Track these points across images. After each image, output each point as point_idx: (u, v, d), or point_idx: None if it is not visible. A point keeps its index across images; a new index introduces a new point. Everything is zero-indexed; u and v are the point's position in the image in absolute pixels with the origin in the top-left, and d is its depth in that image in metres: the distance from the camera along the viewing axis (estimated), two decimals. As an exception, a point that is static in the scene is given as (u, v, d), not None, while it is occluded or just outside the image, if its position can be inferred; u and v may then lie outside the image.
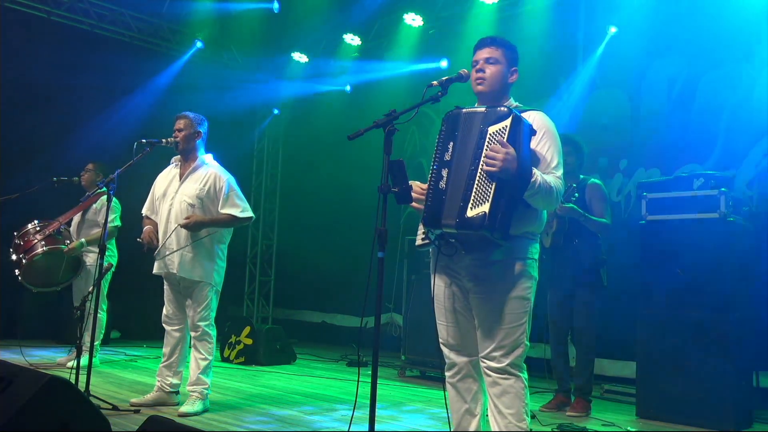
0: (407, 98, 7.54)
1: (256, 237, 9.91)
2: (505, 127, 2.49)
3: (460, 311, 2.75)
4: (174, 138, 4.36)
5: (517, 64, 2.83)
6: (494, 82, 2.77)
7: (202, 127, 4.44)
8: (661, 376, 4.46)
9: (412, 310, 6.09)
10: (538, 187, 2.53)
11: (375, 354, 2.40)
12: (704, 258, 4.36)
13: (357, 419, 2.98)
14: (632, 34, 6.05)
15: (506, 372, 2.61)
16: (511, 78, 2.81)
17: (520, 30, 6.75)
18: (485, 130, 2.52)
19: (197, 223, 4.19)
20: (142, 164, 4.21)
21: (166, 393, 4.36)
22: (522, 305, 2.65)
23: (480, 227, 2.45)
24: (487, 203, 2.45)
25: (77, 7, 7.81)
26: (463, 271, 2.70)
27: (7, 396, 2.30)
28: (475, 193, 2.48)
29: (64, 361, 5.67)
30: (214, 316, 4.37)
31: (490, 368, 2.63)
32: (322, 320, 8.91)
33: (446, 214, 2.54)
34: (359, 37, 8.33)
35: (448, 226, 2.54)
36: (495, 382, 2.62)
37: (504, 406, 2.59)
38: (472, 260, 2.66)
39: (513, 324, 2.62)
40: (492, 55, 2.78)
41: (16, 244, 5.34)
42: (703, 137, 5.66)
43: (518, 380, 2.62)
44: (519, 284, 2.64)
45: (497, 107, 2.58)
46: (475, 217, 2.46)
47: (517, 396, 2.60)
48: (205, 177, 4.34)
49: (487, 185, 2.47)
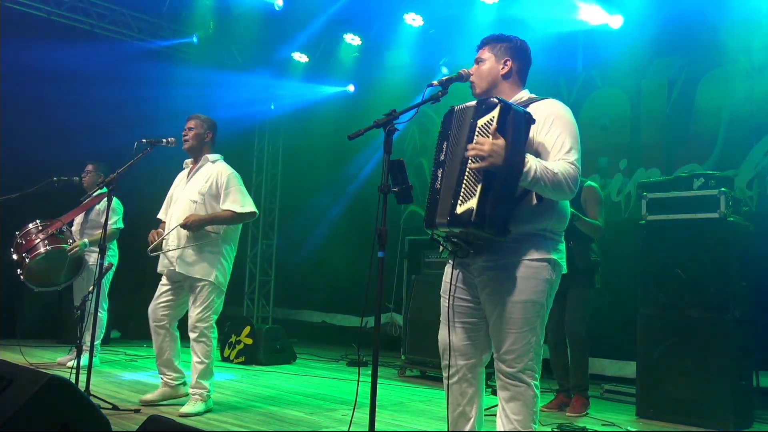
0: (407, 98, 7.55)
1: (256, 237, 9.91)
2: (493, 117, 2.40)
3: (466, 312, 2.67)
4: (183, 136, 4.38)
5: (511, 55, 2.75)
6: (481, 80, 2.74)
7: (212, 128, 4.47)
8: (661, 376, 4.46)
9: (412, 310, 6.09)
10: (534, 175, 2.38)
11: (375, 354, 2.40)
12: (704, 258, 4.37)
13: (357, 419, 2.98)
14: (632, 34, 6.05)
15: (517, 378, 2.52)
16: (503, 70, 2.73)
17: (520, 30, 6.73)
18: (474, 124, 2.46)
19: (195, 221, 4.17)
20: (142, 164, 4.22)
21: (171, 387, 4.35)
22: (533, 310, 2.52)
23: (468, 224, 2.36)
24: (474, 197, 2.35)
25: (77, 6, 7.81)
26: (476, 271, 2.62)
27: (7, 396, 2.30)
28: (463, 189, 2.40)
29: (64, 361, 5.67)
30: (216, 319, 4.32)
31: (502, 372, 2.55)
32: (322, 320, 8.90)
33: (439, 213, 2.48)
34: (359, 37, 8.33)
35: (441, 225, 2.47)
36: (505, 387, 2.55)
37: (511, 412, 2.53)
38: (484, 261, 2.58)
39: (523, 328, 2.51)
40: (480, 57, 2.77)
41: (17, 244, 5.33)
42: (703, 137, 5.66)
43: (529, 388, 2.52)
44: (532, 287, 2.52)
45: (488, 99, 2.50)
46: (463, 213, 2.37)
47: (526, 404, 2.52)
48: (210, 174, 4.35)
49: (475, 179, 2.38)
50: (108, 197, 4.27)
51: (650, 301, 4.61)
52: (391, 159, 2.49)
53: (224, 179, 4.32)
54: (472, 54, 2.85)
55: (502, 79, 2.75)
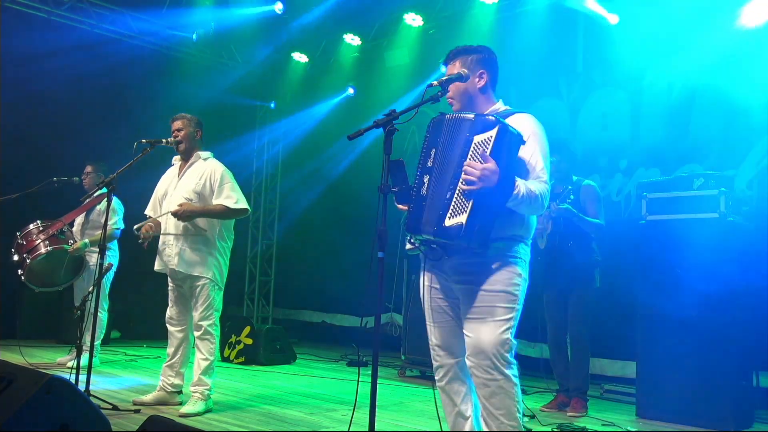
0: (407, 98, 7.55)
1: (256, 237, 9.91)
2: (491, 137, 2.44)
3: (445, 311, 2.75)
4: (174, 138, 4.38)
5: (484, 65, 2.75)
6: (460, 99, 2.75)
7: (199, 125, 4.48)
8: (661, 376, 4.46)
9: (412, 310, 6.08)
10: (521, 197, 2.49)
11: (375, 354, 2.40)
12: (704, 258, 4.36)
13: (357, 419, 2.98)
14: (632, 34, 6.05)
15: (493, 370, 2.52)
16: (480, 83, 2.74)
17: (520, 30, 6.75)
18: (471, 139, 2.49)
19: (188, 211, 4.18)
20: (143, 164, 4.22)
21: (167, 393, 4.36)
22: (507, 299, 2.57)
23: (456, 237, 2.43)
24: (464, 214, 2.42)
25: (77, 7, 7.81)
26: (450, 270, 2.68)
27: (7, 396, 2.30)
28: (454, 202, 2.46)
29: (64, 361, 5.67)
30: (218, 316, 4.37)
31: (478, 366, 2.54)
32: (322, 320, 8.90)
33: (425, 221, 2.53)
34: (359, 37, 8.33)
35: (427, 233, 2.53)
36: (483, 384, 2.55)
37: (494, 408, 2.53)
38: (458, 261, 2.63)
39: (495, 317, 2.55)
40: (451, 72, 2.75)
41: (18, 244, 5.33)
42: (703, 137, 5.66)
43: (507, 380, 2.53)
44: (503, 279, 2.58)
45: (486, 116, 2.54)
46: (452, 227, 2.44)
47: (507, 395, 2.52)
48: (202, 172, 4.36)
49: (467, 196, 2.43)
50: (108, 197, 4.27)
51: (650, 300, 4.61)
52: (391, 159, 2.50)
53: (218, 176, 4.34)
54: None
55: (480, 92, 2.76)
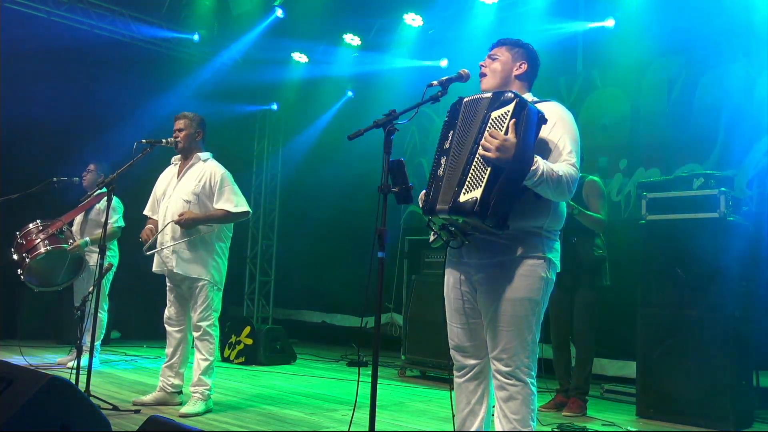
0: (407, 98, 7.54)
1: (256, 237, 9.91)
2: (508, 111, 2.43)
3: (469, 312, 2.68)
4: (175, 138, 4.37)
5: (526, 59, 2.81)
6: (495, 74, 2.76)
7: (201, 126, 4.45)
8: (661, 376, 4.46)
9: (412, 310, 6.09)
10: (540, 175, 2.40)
11: (375, 354, 2.40)
12: (704, 258, 4.36)
13: (357, 419, 2.98)
14: (632, 34, 6.05)
15: (513, 377, 2.53)
16: (517, 70, 2.78)
17: (520, 30, 6.74)
18: (488, 115, 2.48)
19: (190, 219, 4.18)
20: (143, 164, 4.22)
21: (167, 393, 4.36)
22: (529, 307, 2.53)
23: (470, 213, 2.36)
24: (479, 188, 2.37)
25: (77, 7, 7.81)
26: (473, 269, 2.64)
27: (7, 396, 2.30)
28: (470, 178, 2.41)
29: (65, 361, 5.67)
30: (217, 316, 4.36)
31: (498, 371, 2.56)
32: (322, 320, 8.90)
33: (441, 199, 2.48)
34: (359, 37, 8.33)
35: (442, 212, 2.48)
36: (502, 387, 2.56)
37: (510, 411, 2.54)
38: (480, 259, 2.60)
39: (519, 326, 2.53)
40: (495, 53, 2.80)
41: (18, 244, 5.33)
42: (703, 137, 5.65)
43: (525, 387, 2.53)
44: (527, 285, 2.54)
45: (504, 92, 2.52)
46: (467, 202, 2.38)
47: (524, 403, 2.53)
48: (202, 173, 4.35)
49: (482, 170, 2.39)
50: (108, 196, 4.27)
51: (650, 300, 4.61)
52: (391, 159, 2.49)
53: (217, 179, 4.32)
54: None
55: (515, 78, 2.79)
